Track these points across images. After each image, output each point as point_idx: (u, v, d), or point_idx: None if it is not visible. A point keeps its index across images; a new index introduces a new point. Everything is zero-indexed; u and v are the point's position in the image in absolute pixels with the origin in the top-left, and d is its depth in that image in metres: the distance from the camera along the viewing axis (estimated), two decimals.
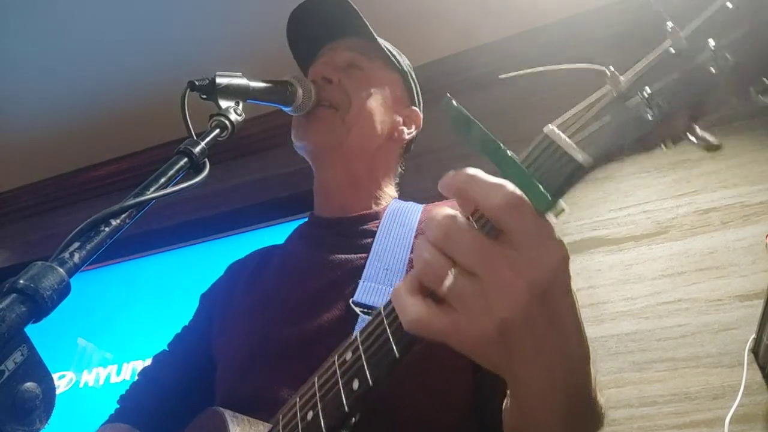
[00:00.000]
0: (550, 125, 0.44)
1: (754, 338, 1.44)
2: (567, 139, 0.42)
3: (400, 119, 1.00)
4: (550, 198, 0.39)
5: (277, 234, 1.47)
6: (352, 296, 0.77)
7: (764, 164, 1.67)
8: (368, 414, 0.67)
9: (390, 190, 0.99)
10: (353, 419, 0.66)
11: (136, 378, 0.94)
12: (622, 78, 0.42)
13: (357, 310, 0.73)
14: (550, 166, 0.42)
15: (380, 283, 0.76)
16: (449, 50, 2.12)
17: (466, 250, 0.39)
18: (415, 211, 0.89)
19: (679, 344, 1.55)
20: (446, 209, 0.42)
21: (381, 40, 0.97)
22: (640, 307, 1.62)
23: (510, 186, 0.40)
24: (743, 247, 1.59)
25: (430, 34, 1.98)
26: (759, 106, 0.39)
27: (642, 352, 1.57)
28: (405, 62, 1.04)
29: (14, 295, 0.41)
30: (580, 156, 0.40)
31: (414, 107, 1.04)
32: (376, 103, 0.94)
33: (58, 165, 2.56)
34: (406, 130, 1.01)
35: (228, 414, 0.67)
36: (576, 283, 0.43)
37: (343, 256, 0.85)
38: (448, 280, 0.39)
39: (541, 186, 0.39)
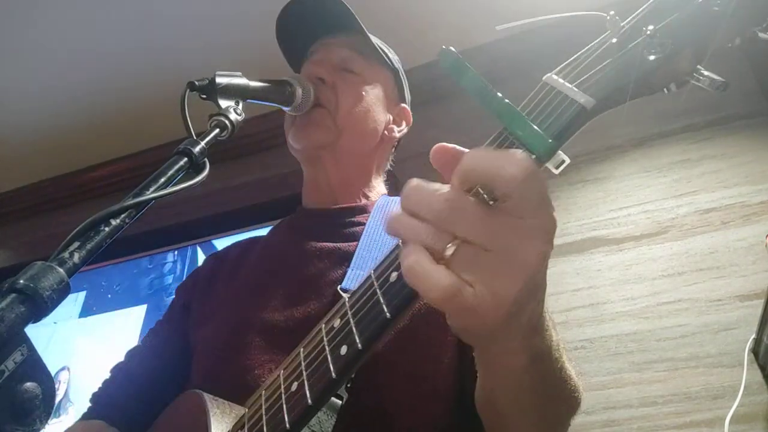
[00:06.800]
0: (549, 74, 0.42)
1: (754, 338, 1.44)
2: (567, 84, 0.40)
3: (390, 117, 1.00)
4: (550, 141, 0.37)
5: None
6: (340, 283, 0.77)
7: (765, 164, 1.67)
8: (357, 403, 0.67)
9: (380, 186, 1.00)
10: (345, 385, 0.65)
11: (108, 374, 0.91)
12: (623, 23, 0.41)
13: (345, 296, 0.75)
14: (550, 111, 0.40)
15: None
16: None
17: (473, 224, 0.37)
18: None
19: (679, 344, 1.55)
20: (428, 185, 0.39)
21: (372, 38, 0.98)
22: (640, 307, 1.62)
23: (519, 154, 0.37)
24: (743, 247, 1.59)
25: (427, 35, 1.97)
26: (760, 46, 0.38)
27: (642, 352, 1.57)
28: (395, 59, 1.04)
29: (14, 295, 0.41)
30: (582, 98, 0.39)
31: (404, 104, 1.05)
32: (368, 104, 0.95)
33: (58, 165, 2.56)
34: (396, 128, 1.02)
35: (207, 396, 0.66)
36: (576, 283, 0.43)
37: (331, 244, 0.85)
38: (456, 255, 0.37)
39: (540, 129, 0.37)
